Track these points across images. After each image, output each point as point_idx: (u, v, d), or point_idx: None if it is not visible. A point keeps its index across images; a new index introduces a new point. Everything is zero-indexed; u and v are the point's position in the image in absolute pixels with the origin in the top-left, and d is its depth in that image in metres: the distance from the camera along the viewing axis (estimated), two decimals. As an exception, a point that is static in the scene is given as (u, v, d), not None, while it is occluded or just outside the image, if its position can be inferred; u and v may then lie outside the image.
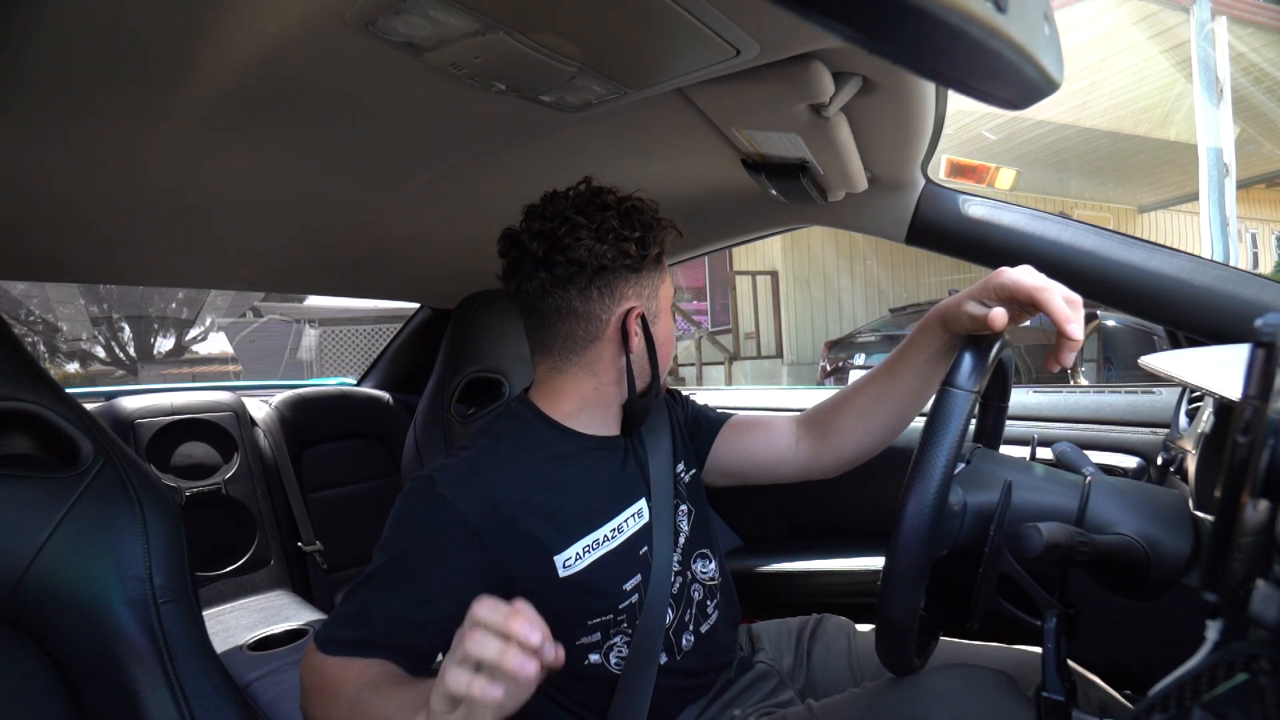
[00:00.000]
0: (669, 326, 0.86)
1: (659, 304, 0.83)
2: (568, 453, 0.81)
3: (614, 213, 0.77)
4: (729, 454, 0.95)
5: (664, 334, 0.84)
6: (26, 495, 0.60)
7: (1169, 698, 0.40)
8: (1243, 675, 0.38)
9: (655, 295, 0.83)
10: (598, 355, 0.81)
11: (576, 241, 0.75)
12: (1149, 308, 0.90)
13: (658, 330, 0.83)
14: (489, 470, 0.76)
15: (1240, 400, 0.39)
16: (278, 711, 1.04)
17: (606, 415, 0.84)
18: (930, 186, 1.01)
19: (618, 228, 0.77)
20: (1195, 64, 5.38)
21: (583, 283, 0.77)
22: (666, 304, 0.85)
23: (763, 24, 0.55)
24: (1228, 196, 5.34)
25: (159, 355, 9.45)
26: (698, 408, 0.99)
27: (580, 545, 0.77)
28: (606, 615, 0.77)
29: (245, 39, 0.55)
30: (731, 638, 0.91)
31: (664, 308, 0.84)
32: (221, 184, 0.86)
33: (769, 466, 0.94)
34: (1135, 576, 0.64)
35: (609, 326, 0.79)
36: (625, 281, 0.79)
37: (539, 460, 0.79)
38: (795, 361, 8.13)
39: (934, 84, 0.75)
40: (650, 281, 0.82)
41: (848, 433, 0.88)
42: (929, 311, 0.80)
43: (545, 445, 0.81)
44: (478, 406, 1.19)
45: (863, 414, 0.87)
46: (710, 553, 0.91)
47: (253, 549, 1.59)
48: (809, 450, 0.91)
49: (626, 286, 0.80)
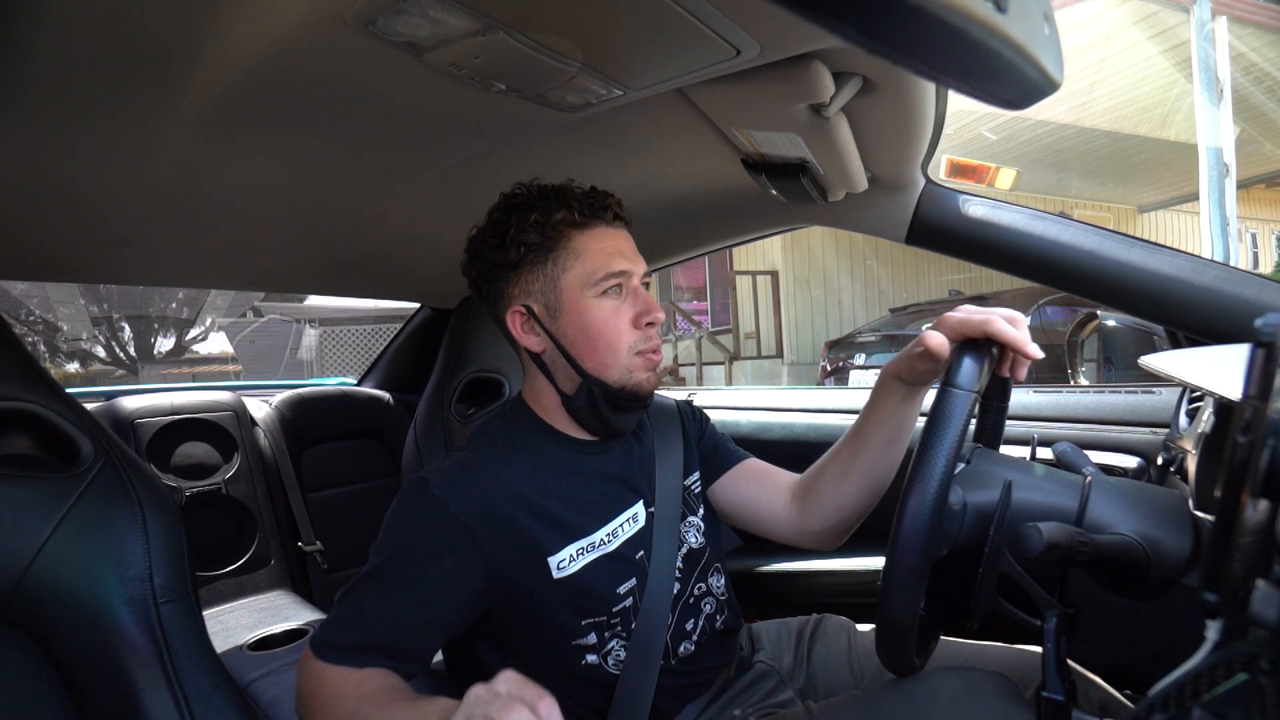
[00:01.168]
0: (600, 313, 0.76)
1: (562, 295, 0.76)
2: (561, 455, 0.81)
3: (497, 213, 0.77)
4: (732, 495, 0.93)
5: (593, 320, 0.76)
6: (26, 495, 0.60)
7: (1169, 698, 0.40)
8: (1243, 675, 0.38)
9: (555, 285, 0.76)
10: (527, 360, 0.82)
11: (474, 257, 0.79)
12: (1149, 308, 0.90)
13: (566, 323, 0.76)
14: (484, 471, 0.76)
15: (1240, 400, 0.39)
16: (277, 711, 1.04)
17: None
18: (930, 186, 1.01)
19: (494, 228, 0.77)
20: (1195, 64, 5.38)
21: (487, 296, 0.80)
22: (577, 290, 0.76)
23: (763, 24, 0.55)
24: (1228, 196, 5.34)
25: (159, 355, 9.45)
26: (717, 436, 0.97)
27: (574, 548, 0.76)
28: (600, 617, 0.77)
29: (246, 39, 0.55)
30: (733, 642, 0.91)
31: (572, 299, 0.76)
32: (222, 184, 0.86)
33: (765, 521, 0.91)
34: (1135, 576, 0.64)
35: (511, 331, 0.79)
36: (505, 282, 0.78)
37: (534, 461, 0.79)
38: (795, 361, 8.13)
39: (934, 84, 0.75)
40: (540, 274, 0.76)
41: (827, 497, 0.85)
42: (881, 370, 0.80)
43: (539, 447, 0.81)
44: (478, 406, 1.19)
45: (838, 478, 0.84)
46: (721, 566, 0.91)
47: (253, 549, 1.59)
48: (798, 514, 0.89)
49: (508, 287, 0.78)
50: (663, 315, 0.81)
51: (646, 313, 0.78)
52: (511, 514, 0.74)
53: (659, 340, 0.82)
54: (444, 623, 0.73)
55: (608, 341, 0.76)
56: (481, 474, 0.76)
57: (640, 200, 1.03)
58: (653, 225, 0.94)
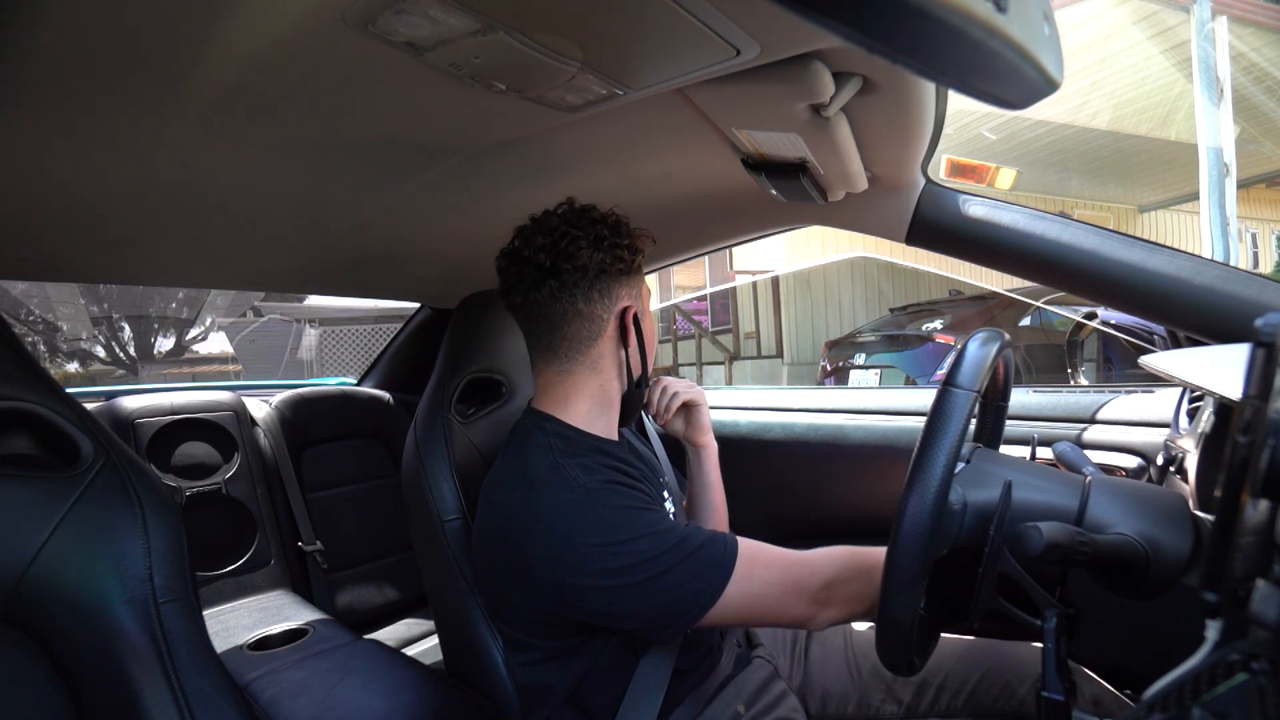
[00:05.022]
0: (652, 323, 0.98)
1: (643, 303, 0.93)
2: (610, 449, 0.88)
3: (603, 225, 0.86)
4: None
5: (649, 329, 0.95)
6: (27, 495, 0.60)
7: (1169, 698, 0.40)
8: (1243, 675, 0.38)
9: (639, 295, 0.92)
10: (600, 353, 0.88)
11: (578, 250, 0.83)
12: (1149, 308, 0.90)
13: (644, 326, 0.92)
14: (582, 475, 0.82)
15: (1240, 400, 0.39)
16: (277, 710, 1.04)
17: (610, 415, 0.90)
18: (930, 186, 1.01)
19: (609, 236, 0.85)
20: (1195, 64, 5.38)
21: (585, 286, 0.85)
22: (648, 303, 0.96)
23: (763, 24, 0.55)
24: (1228, 196, 5.33)
25: (159, 355, 9.44)
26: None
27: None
28: None
29: (245, 39, 0.55)
30: (731, 638, 0.92)
31: (647, 307, 0.95)
32: (221, 184, 0.86)
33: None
34: (1135, 576, 0.64)
35: (609, 325, 0.88)
36: (619, 284, 0.88)
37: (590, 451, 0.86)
38: (795, 361, 8.12)
39: (934, 84, 0.75)
40: (637, 283, 0.92)
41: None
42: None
43: (589, 450, 0.86)
44: (478, 407, 1.19)
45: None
46: None
47: (253, 549, 1.59)
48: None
49: (620, 288, 0.88)
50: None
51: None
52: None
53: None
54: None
55: (654, 343, 0.98)
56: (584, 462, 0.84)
57: (640, 200, 1.03)
58: (653, 225, 0.94)
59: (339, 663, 1.17)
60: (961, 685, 0.91)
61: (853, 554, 0.80)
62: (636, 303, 0.90)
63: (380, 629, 1.66)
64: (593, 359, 0.88)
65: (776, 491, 1.43)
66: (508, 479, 0.84)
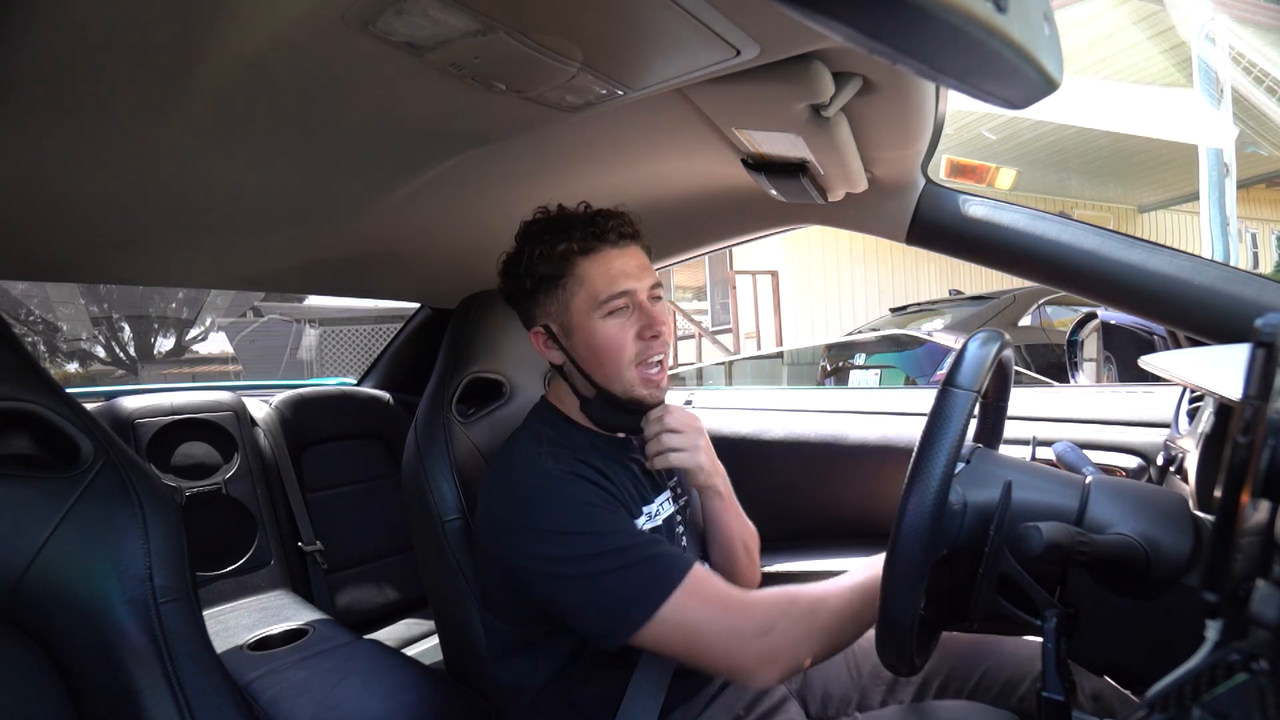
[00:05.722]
0: (606, 332, 0.84)
1: (573, 318, 0.84)
2: (599, 442, 0.89)
3: (516, 241, 0.88)
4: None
5: (600, 340, 0.84)
6: (26, 495, 0.60)
7: (1169, 698, 0.40)
8: (1243, 675, 0.38)
9: (566, 309, 0.85)
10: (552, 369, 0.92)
11: (500, 277, 0.90)
12: (1149, 308, 0.90)
13: (578, 341, 0.85)
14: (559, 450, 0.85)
15: (1240, 400, 0.39)
16: (277, 710, 1.04)
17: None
18: (930, 186, 1.01)
19: (512, 258, 0.88)
20: (1195, 64, 5.37)
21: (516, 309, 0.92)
22: (585, 313, 0.84)
23: (763, 24, 0.55)
24: (1228, 196, 5.32)
25: (159, 355, 9.44)
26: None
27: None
28: None
29: (245, 39, 0.55)
30: None
31: (581, 321, 0.84)
32: (222, 184, 0.86)
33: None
34: (1135, 576, 0.64)
35: (536, 346, 0.90)
36: (527, 304, 0.89)
37: (581, 445, 0.87)
38: (795, 361, 8.13)
39: (934, 84, 0.75)
40: (553, 299, 0.85)
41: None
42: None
43: (579, 437, 0.89)
44: (478, 407, 1.19)
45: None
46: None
47: (253, 549, 1.59)
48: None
49: (531, 309, 0.89)
50: (666, 325, 0.87)
51: (649, 326, 0.85)
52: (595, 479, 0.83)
53: (662, 351, 0.86)
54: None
55: (612, 357, 0.84)
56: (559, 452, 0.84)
57: (640, 200, 1.03)
58: (652, 225, 0.94)
59: (339, 663, 1.17)
60: (963, 684, 0.91)
61: (794, 597, 0.75)
62: (560, 319, 0.86)
63: (380, 629, 1.66)
64: (556, 378, 0.92)
65: (776, 491, 1.43)
66: (497, 457, 0.88)
